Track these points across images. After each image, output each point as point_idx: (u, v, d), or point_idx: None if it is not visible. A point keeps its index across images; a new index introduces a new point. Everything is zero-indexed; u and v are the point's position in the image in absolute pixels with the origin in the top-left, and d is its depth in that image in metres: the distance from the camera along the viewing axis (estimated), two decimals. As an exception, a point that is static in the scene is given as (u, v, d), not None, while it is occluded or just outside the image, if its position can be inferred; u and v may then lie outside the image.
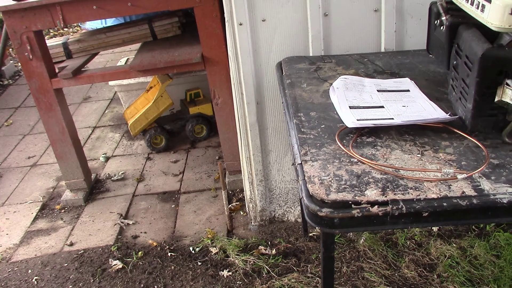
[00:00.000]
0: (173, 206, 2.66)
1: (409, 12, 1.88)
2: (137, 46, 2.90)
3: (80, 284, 2.13)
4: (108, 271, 2.19)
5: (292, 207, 2.34)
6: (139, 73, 2.49)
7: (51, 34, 6.13)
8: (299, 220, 2.34)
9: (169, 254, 2.25)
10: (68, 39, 2.78)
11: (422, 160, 1.04)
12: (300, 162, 1.08)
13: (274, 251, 2.17)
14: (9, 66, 4.99)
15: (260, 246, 2.21)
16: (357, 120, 1.20)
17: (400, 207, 0.90)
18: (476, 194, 0.91)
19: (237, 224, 2.43)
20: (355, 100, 1.34)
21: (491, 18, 1.00)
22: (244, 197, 2.46)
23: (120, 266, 2.20)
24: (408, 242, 2.13)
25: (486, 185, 0.93)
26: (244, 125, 2.13)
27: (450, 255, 2.03)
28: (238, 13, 1.85)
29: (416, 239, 2.15)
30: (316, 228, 1.28)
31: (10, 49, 5.05)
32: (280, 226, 2.34)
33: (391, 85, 1.45)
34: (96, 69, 3.09)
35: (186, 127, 3.22)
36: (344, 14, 1.88)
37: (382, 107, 1.29)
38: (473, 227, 2.20)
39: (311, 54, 1.92)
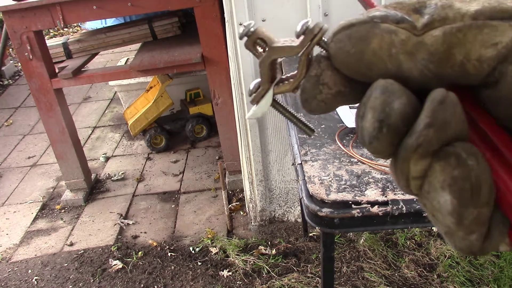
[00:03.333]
0: (173, 206, 2.66)
1: (409, 12, 1.88)
2: (137, 46, 2.90)
3: (80, 284, 2.13)
4: (108, 271, 2.19)
5: (292, 207, 2.34)
6: (139, 73, 2.49)
7: (51, 34, 6.13)
8: (299, 220, 2.34)
9: (169, 254, 2.25)
10: (68, 39, 2.78)
11: (422, 160, 1.04)
12: (300, 162, 1.08)
13: (274, 251, 2.17)
14: (9, 66, 4.99)
15: (260, 246, 2.21)
16: (357, 120, 1.20)
17: (400, 207, 0.90)
18: (476, 194, 0.91)
19: (237, 224, 2.43)
20: (355, 100, 1.34)
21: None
22: (244, 197, 2.46)
23: (120, 266, 2.20)
24: (408, 242, 2.13)
25: (486, 185, 0.93)
26: (244, 125, 2.13)
27: (450, 255, 2.03)
28: (238, 13, 1.85)
29: (416, 239, 2.15)
30: (316, 228, 1.27)
31: (10, 49, 5.05)
32: (280, 226, 2.34)
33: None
34: (96, 69, 3.09)
35: (186, 127, 3.22)
36: (344, 14, 1.88)
37: None
38: (473, 227, 2.20)
39: (311, 54, 1.92)
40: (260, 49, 0.37)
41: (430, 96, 0.28)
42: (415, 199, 0.90)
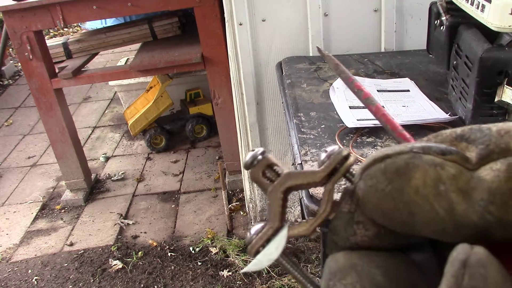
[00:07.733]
0: (173, 206, 2.66)
1: (409, 12, 1.88)
2: (137, 46, 2.90)
3: (80, 284, 2.13)
4: (108, 271, 2.19)
5: (292, 207, 2.34)
6: (139, 73, 2.49)
7: (51, 34, 6.13)
8: (299, 220, 2.34)
9: (169, 254, 2.25)
10: (68, 39, 2.78)
11: (422, 160, 1.04)
12: (300, 162, 1.08)
13: (274, 251, 2.17)
14: (9, 66, 4.99)
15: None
16: (357, 120, 1.20)
17: (400, 207, 0.90)
18: (476, 194, 0.90)
19: (237, 224, 2.43)
20: (355, 100, 1.33)
21: (491, 18, 1.00)
22: (244, 197, 2.46)
23: (120, 266, 2.20)
24: (408, 242, 2.13)
25: (486, 185, 0.92)
26: (244, 125, 2.13)
27: (450, 255, 2.03)
28: (238, 13, 1.85)
29: (416, 239, 2.15)
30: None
31: (10, 49, 5.05)
32: (280, 226, 2.34)
33: (391, 85, 1.45)
34: (96, 69, 3.09)
35: (186, 127, 3.22)
36: (344, 14, 1.88)
37: (382, 107, 1.29)
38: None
39: (311, 54, 1.92)
40: (267, 181, 0.31)
41: (451, 255, 0.21)
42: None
